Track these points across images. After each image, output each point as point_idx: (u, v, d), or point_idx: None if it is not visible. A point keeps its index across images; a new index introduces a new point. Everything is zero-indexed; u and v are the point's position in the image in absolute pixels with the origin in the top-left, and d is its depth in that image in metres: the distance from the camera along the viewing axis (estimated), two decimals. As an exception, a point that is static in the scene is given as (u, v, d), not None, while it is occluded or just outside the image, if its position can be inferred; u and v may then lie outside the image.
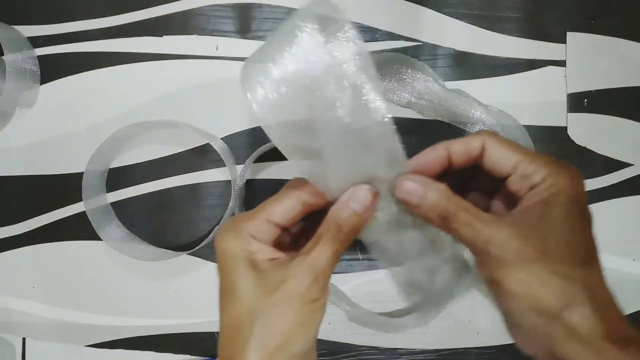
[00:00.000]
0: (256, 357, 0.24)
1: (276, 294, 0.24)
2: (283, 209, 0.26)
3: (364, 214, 0.25)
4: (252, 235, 0.26)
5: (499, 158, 0.25)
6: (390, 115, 0.23)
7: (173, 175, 0.43)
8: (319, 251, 0.25)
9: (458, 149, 0.25)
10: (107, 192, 0.44)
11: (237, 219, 0.26)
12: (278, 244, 0.27)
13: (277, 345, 0.24)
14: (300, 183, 0.27)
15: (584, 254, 0.23)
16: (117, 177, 0.44)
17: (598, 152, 0.44)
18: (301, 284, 0.24)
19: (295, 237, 0.28)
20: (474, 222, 0.23)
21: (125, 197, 0.44)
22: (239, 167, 0.43)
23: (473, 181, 0.28)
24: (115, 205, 0.44)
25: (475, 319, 0.44)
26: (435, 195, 0.24)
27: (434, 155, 0.26)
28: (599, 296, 0.23)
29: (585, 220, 0.24)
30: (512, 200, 0.25)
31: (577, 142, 0.44)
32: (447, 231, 0.25)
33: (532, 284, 0.22)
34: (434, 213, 0.25)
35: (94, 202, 0.42)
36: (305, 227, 0.28)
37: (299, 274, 0.24)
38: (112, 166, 0.44)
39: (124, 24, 0.43)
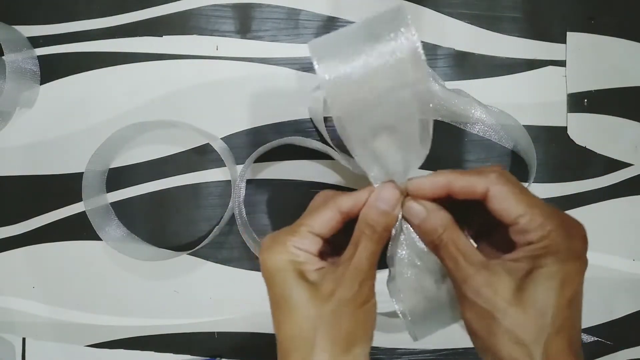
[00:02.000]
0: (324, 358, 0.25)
1: (331, 302, 0.25)
2: (324, 220, 0.27)
3: (392, 211, 0.26)
4: (298, 247, 0.27)
5: (502, 209, 0.25)
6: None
7: (173, 175, 0.43)
8: (360, 255, 0.26)
9: (460, 189, 0.26)
10: (107, 192, 0.44)
11: (280, 234, 0.27)
12: (319, 253, 0.28)
13: (343, 348, 0.25)
14: (334, 194, 0.28)
15: (550, 327, 0.23)
16: (117, 177, 0.44)
17: (598, 152, 0.44)
18: (351, 289, 0.26)
19: (330, 244, 0.29)
20: (459, 259, 0.25)
21: (125, 197, 0.44)
22: (239, 167, 0.43)
23: (476, 208, 0.28)
24: (115, 205, 0.44)
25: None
26: (436, 222, 0.26)
27: (433, 185, 0.26)
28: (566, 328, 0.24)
29: (568, 294, 0.24)
30: (510, 243, 0.26)
31: (577, 142, 0.44)
32: (436, 256, 0.27)
33: (492, 337, 0.24)
34: (427, 237, 0.26)
35: (94, 202, 0.42)
36: (336, 242, 0.29)
37: (348, 280, 0.26)
38: (112, 166, 0.44)
39: (124, 24, 0.43)
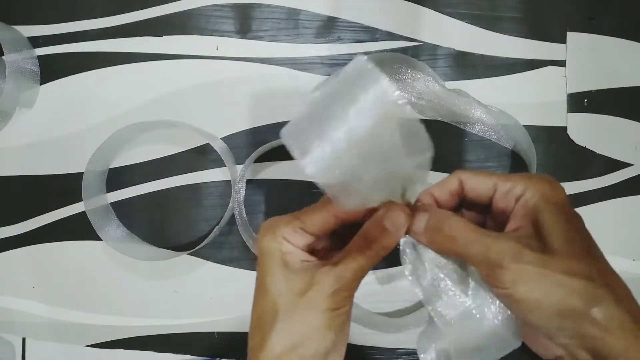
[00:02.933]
0: (273, 352, 0.25)
1: (300, 298, 0.26)
2: (316, 219, 0.27)
3: (397, 232, 0.26)
4: (285, 238, 0.27)
5: (477, 184, 0.26)
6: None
7: (173, 175, 0.43)
8: (346, 263, 0.26)
9: (440, 192, 0.27)
10: (107, 192, 0.44)
11: (276, 220, 0.28)
12: (312, 250, 0.28)
13: (292, 345, 0.25)
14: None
15: (587, 247, 0.24)
16: (117, 177, 0.44)
17: (598, 152, 0.44)
18: (324, 292, 0.26)
19: (330, 245, 0.30)
20: (484, 238, 0.24)
21: (125, 197, 0.44)
22: (239, 167, 0.43)
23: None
24: (115, 205, 0.44)
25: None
26: (435, 216, 0.26)
27: (429, 199, 0.27)
28: (615, 285, 0.23)
29: (576, 217, 0.25)
30: (502, 220, 0.26)
31: (577, 142, 0.44)
32: (457, 253, 0.25)
33: (551, 290, 0.22)
34: (432, 231, 0.26)
35: (94, 202, 0.42)
36: (343, 235, 0.29)
37: (324, 282, 0.26)
38: (112, 166, 0.44)
39: (124, 24, 0.43)
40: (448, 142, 0.43)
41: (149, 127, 0.43)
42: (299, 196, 0.43)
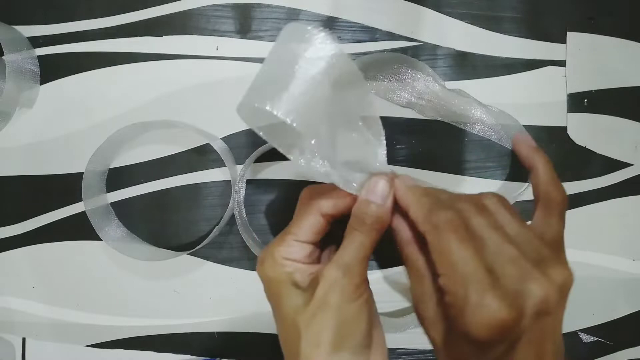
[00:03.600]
0: None
1: (312, 303, 0.25)
2: (308, 226, 0.27)
3: (384, 203, 0.26)
4: (285, 258, 0.26)
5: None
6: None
7: (173, 175, 0.43)
8: (343, 248, 0.26)
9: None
10: (107, 192, 0.44)
11: (271, 246, 0.27)
12: (315, 260, 0.28)
13: (327, 351, 0.24)
14: (313, 194, 0.28)
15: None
16: (117, 177, 0.44)
17: (598, 152, 0.44)
18: (331, 287, 0.25)
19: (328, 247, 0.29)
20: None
21: (125, 197, 0.44)
22: (239, 167, 0.43)
23: None
24: (115, 205, 0.44)
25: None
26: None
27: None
28: None
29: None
30: None
31: (577, 142, 0.44)
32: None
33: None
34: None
35: (94, 202, 0.42)
36: (337, 235, 0.28)
37: (330, 275, 0.25)
38: (112, 166, 0.44)
39: (124, 24, 0.43)
40: (448, 142, 0.43)
41: (149, 127, 0.43)
42: (298, 196, 0.43)
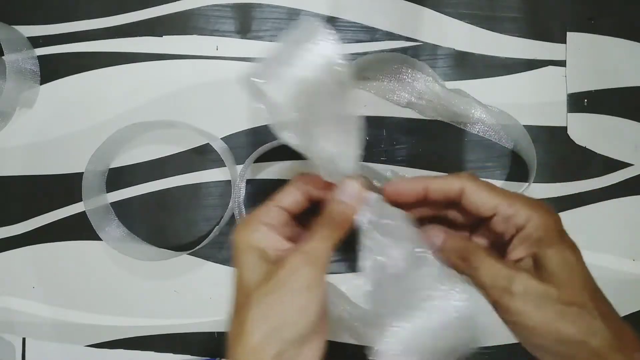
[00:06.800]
0: (251, 341, 0.25)
1: (271, 282, 0.26)
2: (287, 193, 0.29)
3: (353, 203, 0.27)
4: (262, 222, 0.28)
5: (479, 201, 0.27)
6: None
7: (173, 175, 0.43)
8: (312, 240, 0.27)
9: (437, 188, 0.28)
10: (107, 192, 0.44)
11: (250, 214, 0.29)
12: (289, 238, 0.29)
13: (270, 330, 0.25)
14: (301, 176, 0.30)
15: (583, 278, 0.25)
16: (117, 177, 0.44)
17: (598, 152, 0.44)
18: (294, 271, 0.26)
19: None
20: (495, 263, 0.26)
21: (125, 197, 0.44)
22: (239, 167, 0.43)
23: (452, 213, 0.30)
24: (115, 205, 0.44)
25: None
26: (456, 239, 0.28)
27: (411, 187, 0.28)
28: (610, 317, 0.25)
29: (576, 251, 0.26)
30: (496, 239, 0.28)
31: (577, 142, 0.44)
32: (465, 271, 0.27)
33: (551, 319, 0.24)
34: (454, 254, 0.27)
35: (94, 202, 0.42)
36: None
37: (293, 262, 0.26)
38: (112, 166, 0.44)
39: (124, 24, 0.43)
40: (448, 142, 0.43)
41: (149, 127, 0.43)
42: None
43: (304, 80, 0.26)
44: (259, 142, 0.42)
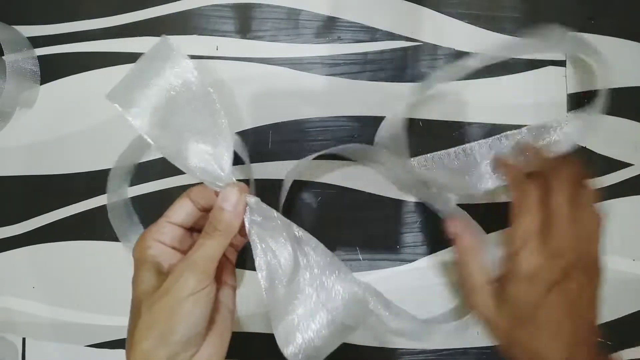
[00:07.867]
0: (143, 347, 0.27)
1: (158, 291, 0.28)
2: (177, 207, 0.31)
3: (234, 210, 0.29)
4: (155, 239, 0.30)
5: None
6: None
7: (173, 175, 0.43)
8: (195, 248, 0.29)
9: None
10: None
11: (147, 229, 0.31)
12: (187, 250, 0.30)
13: (158, 336, 0.27)
14: (191, 189, 0.32)
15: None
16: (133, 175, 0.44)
17: (598, 152, 0.44)
18: (178, 278, 0.28)
19: None
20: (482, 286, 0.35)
21: (131, 196, 0.44)
22: (253, 165, 0.43)
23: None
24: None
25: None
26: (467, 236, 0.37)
27: None
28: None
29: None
30: None
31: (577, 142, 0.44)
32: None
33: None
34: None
35: (117, 206, 0.42)
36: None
37: (177, 270, 0.28)
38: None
39: (124, 24, 0.43)
40: (448, 142, 0.43)
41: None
42: (298, 196, 0.43)
43: (162, 100, 0.29)
44: (259, 142, 0.42)
